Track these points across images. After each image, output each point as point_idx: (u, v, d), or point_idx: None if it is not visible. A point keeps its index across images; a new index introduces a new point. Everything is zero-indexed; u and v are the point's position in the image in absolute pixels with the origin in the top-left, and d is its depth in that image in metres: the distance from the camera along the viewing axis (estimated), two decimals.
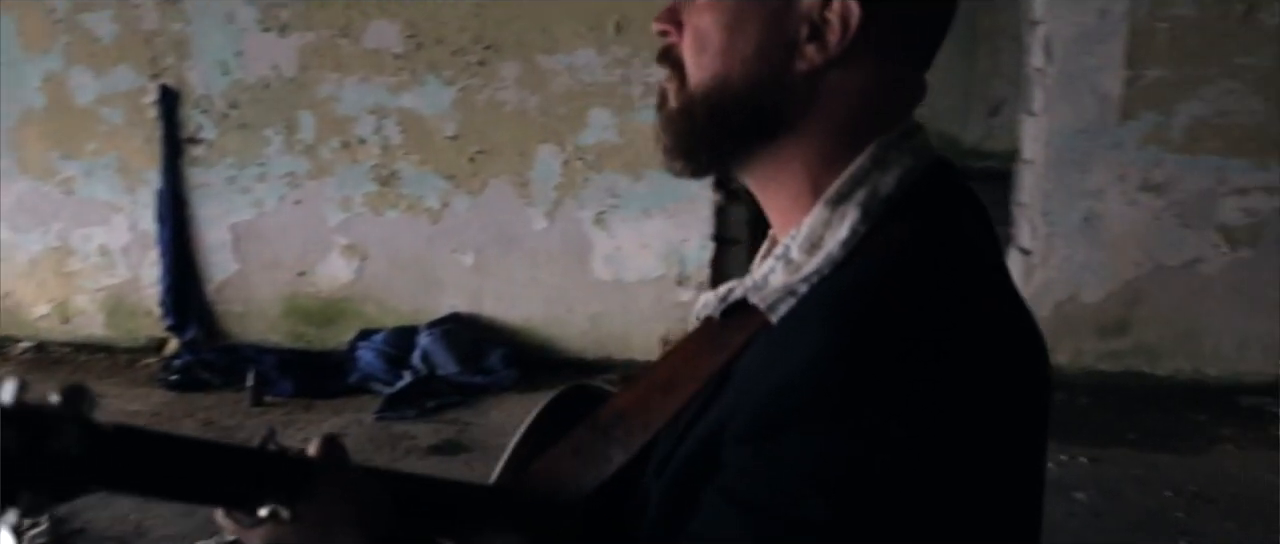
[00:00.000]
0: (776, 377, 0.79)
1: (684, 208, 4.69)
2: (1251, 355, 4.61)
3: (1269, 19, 4.37)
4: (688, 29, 0.90)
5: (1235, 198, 4.53)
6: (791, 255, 0.87)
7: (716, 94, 0.89)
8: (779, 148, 0.90)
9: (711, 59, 0.88)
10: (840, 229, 0.85)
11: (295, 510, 0.81)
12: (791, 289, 0.85)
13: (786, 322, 0.84)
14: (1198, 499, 3.71)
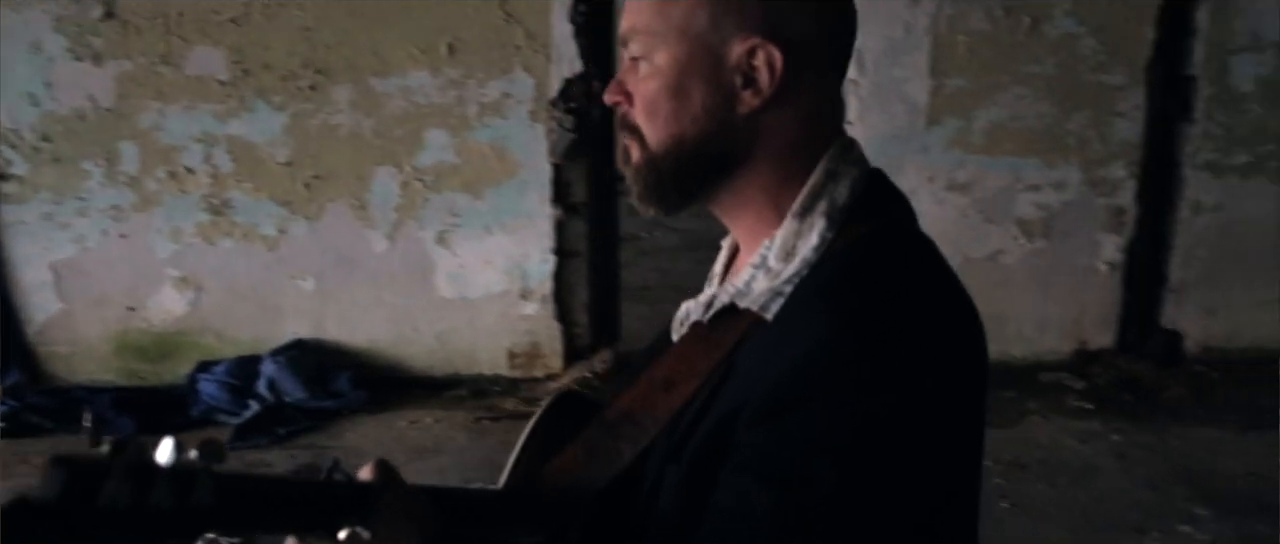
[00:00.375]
0: (784, 365, 0.93)
1: (524, 224, 4.79)
2: (1048, 336, 5.07)
3: (1052, 31, 4.80)
4: (637, 98, 1.04)
5: (1030, 194, 4.96)
6: (769, 264, 1.02)
7: (675, 150, 1.03)
8: (736, 180, 1.05)
9: (664, 123, 1.03)
10: (811, 236, 1.01)
11: (373, 530, 0.90)
12: (778, 291, 1.00)
13: (781, 318, 0.98)
14: (1013, 466, 4.07)
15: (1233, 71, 4.93)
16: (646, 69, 1.03)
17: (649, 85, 1.03)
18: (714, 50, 1.01)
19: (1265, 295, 5.11)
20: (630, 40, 1.04)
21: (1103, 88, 4.88)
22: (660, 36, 1.02)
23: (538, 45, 4.62)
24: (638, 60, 1.04)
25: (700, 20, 1.00)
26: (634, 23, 1.04)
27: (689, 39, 1.01)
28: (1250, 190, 5.02)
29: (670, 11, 1.01)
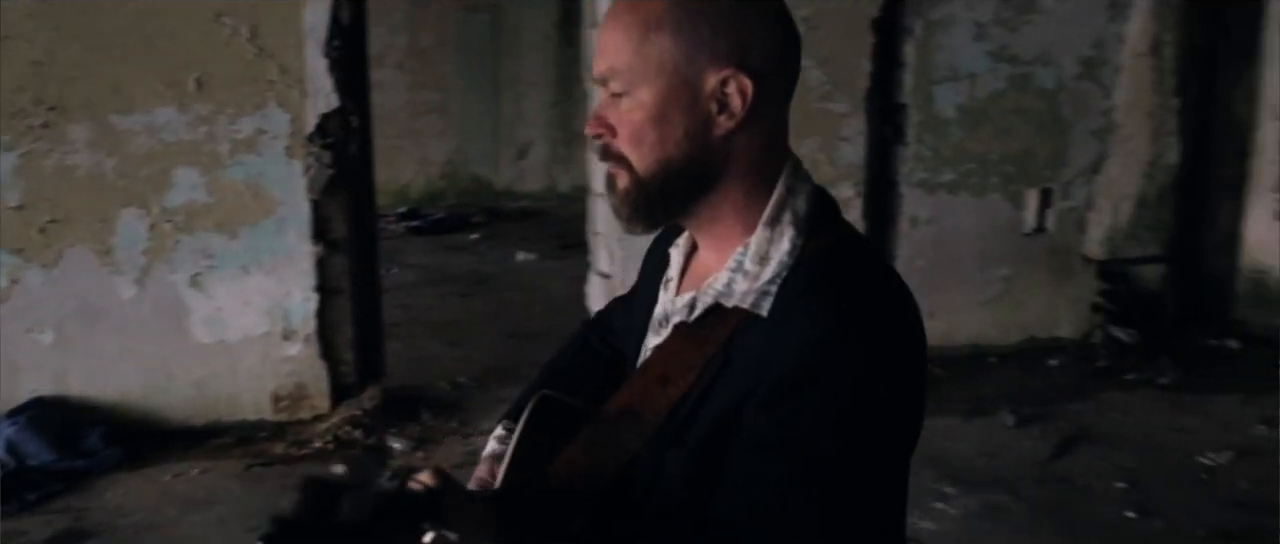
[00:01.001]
0: (790, 356, 1.08)
1: (283, 262, 4.66)
2: None
3: None
4: (621, 129, 1.16)
5: None
6: (746, 267, 1.16)
7: (662, 173, 1.16)
8: (712, 195, 1.19)
9: (650, 150, 1.16)
10: (782, 243, 1.16)
11: (458, 531, 0.95)
12: (764, 291, 1.14)
13: (774, 313, 1.12)
14: None
15: (937, 99, 5.52)
16: (629, 104, 1.15)
17: (634, 118, 1.15)
18: (691, 82, 1.14)
19: (976, 298, 5.73)
20: (610, 79, 1.16)
21: (829, 115, 5.33)
22: (640, 74, 1.14)
23: (292, 79, 4.54)
24: (619, 95, 1.16)
25: (677, 57, 1.14)
26: (613, 63, 1.16)
27: (667, 74, 1.14)
28: (957, 205, 5.62)
29: (647, 52, 1.14)
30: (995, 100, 5.62)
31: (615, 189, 1.20)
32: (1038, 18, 5.58)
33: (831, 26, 5.23)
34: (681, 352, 1.18)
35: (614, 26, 1.17)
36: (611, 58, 1.16)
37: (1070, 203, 5.84)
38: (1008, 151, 5.69)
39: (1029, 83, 5.65)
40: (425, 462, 4.36)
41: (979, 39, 5.53)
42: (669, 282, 1.32)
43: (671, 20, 1.14)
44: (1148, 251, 6.11)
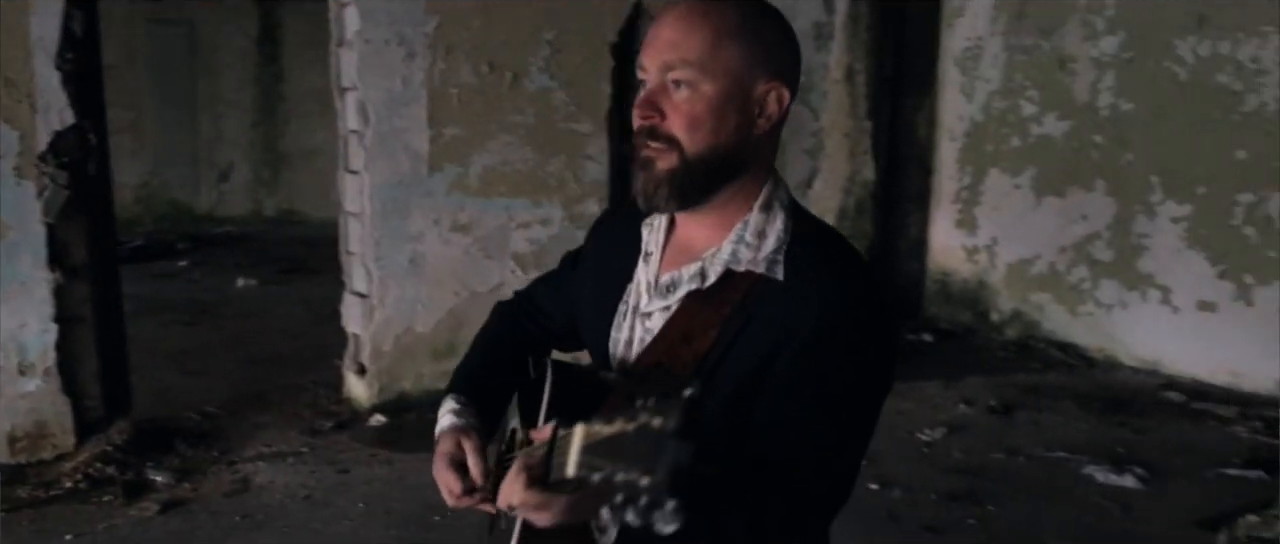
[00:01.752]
0: (811, 318, 1.32)
1: (17, 292, 4.34)
2: None
3: (530, 85, 5.41)
4: (676, 114, 1.35)
5: (522, 230, 5.51)
6: (747, 240, 1.39)
7: (710, 156, 1.36)
8: (735, 182, 1.41)
9: (706, 135, 1.35)
10: (777, 223, 1.40)
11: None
12: (772, 260, 1.37)
13: (789, 281, 1.35)
14: None
15: None
16: (691, 94, 1.34)
17: (695, 107, 1.34)
18: (746, 87, 1.36)
19: None
20: (677, 68, 1.34)
21: (574, 135, 5.58)
22: (709, 71, 1.34)
23: (20, 94, 4.26)
24: (680, 84, 1.34)
25: (741, 64, 1.35)
26: (684, 56, 1.34)
27: (731, 76, 1.35)
28: None
29: (720, 55, 1.34)
30: None
31: (653, 169, 1.37)
32: None
33: (574, 50, 5.49)
34: (699, 313, 1.39)
35: (688, 26, 1.36)
36: (683, 52, 1.34)
37: None
38: None
39: None
40: (194, 493, 4.21)
41: None
42: (649, 256, 1.50)
43: (742, 33, 1.36)
44: None
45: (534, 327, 1.78)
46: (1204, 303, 5.76)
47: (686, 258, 1.45)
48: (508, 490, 1.25)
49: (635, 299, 1.52)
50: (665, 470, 0.98)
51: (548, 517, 1.23)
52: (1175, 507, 4.19)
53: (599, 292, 1.59)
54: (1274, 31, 5.50)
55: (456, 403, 1.65)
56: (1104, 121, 6.16)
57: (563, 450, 1.14)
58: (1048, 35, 6.39)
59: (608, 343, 1.54)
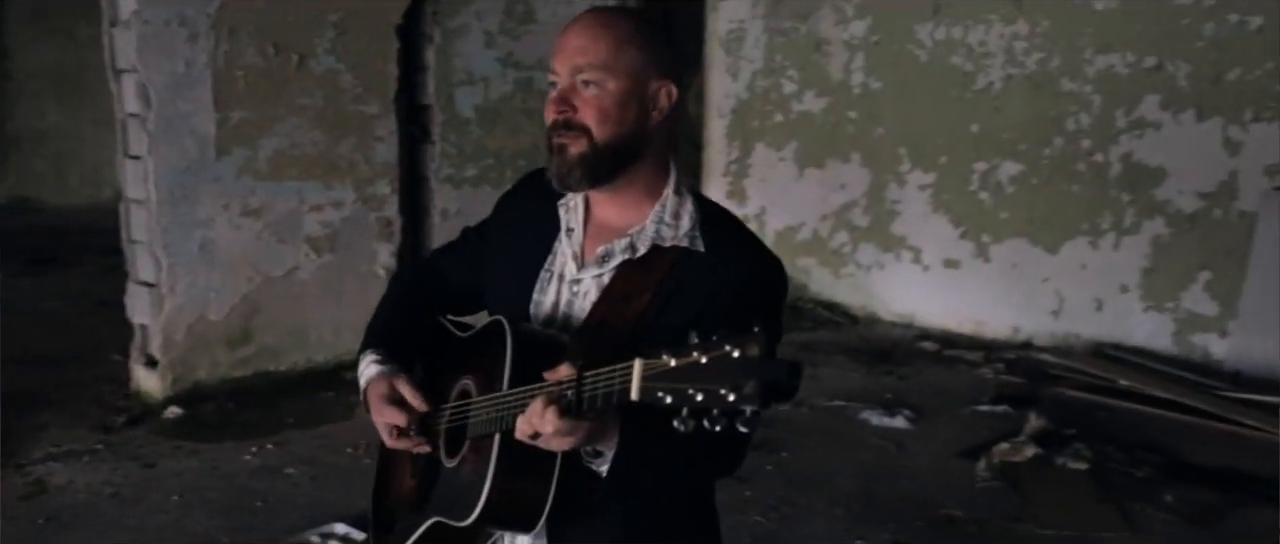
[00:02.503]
0: (735, 281, 1.58)
1: None
2: (345, 339, 5.64)
3: (316, 67, 5.38)
4: (587, 108, 1.58)
5: (314, 214, 5.48)
6: (665, 220, 1.64)
7: (616, 142, 1.60)
8: (634, 166, 1.64)
9: (612, 125, 1.60)
10: (687, 205, 1.66)
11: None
12: (692, 235, 1.62)
13: (709, 250, 1.61)
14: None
15: (457, 101, 6.00)
16: (598, 91, 1.58)
17: (603, 101, 1.58)
18: (643, 83, 1.60)
19: None
20: (585, 70, 1.58)
21: (363, 117, 5.60)
22: (613, 71, 1.58)
23: None
24: (590, 84, 1.57)
25: (638, 65, 1.60)
26: (591, 59, 1.58)
27: (631, 75, 1.59)
28: (479, 197, 6.15)
29: (621, 58, 1.58)
30: (506, 101, 6.23)
31: (567, 154, 1.60)
32: (536, 27, 6.27)
33: (359, 32, 5.50)
34: (633, 279, 1.63)
35: (593, 34, 1.59)
36: (590, 56, 1.58)
37: None
38: (519, 147, 6.33)
39: (532, 85, 6.33)
40: None
41: (489, 46, 6.10)
42: (571, 231, 1.71)
43: (637, 40, 1.60)
44: None
45: (438, 293, 1.93)
46: (949, 261, 6.42)
47: (609, 234, 1.68)
48: (535, 421, 1.43)
49: (560, 268, 1.72)
50: (758, 384, 1.22)
51: (570, 441, 1.45)
52: (940, 441, 4.72)
53: (515, 260, 1.78)
54: (997, 19, 6.18)
55: (376, 355, 1.83)
56: (857, 99, 6.72)
57: (604, 382, 1.38)
58: (804, 19, 6.89)
59: (529, 304, 1.73)
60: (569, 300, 1.69)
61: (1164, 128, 5.73)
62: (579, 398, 1.42)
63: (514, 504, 1.60)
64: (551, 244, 1.74)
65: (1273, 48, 5.39)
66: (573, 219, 1.72)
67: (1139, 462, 4.42)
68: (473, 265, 1.88)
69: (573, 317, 1.68)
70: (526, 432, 1.46)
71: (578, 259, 1.69)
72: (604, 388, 1.38)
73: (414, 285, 1.96)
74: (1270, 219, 5.39)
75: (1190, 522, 3.98)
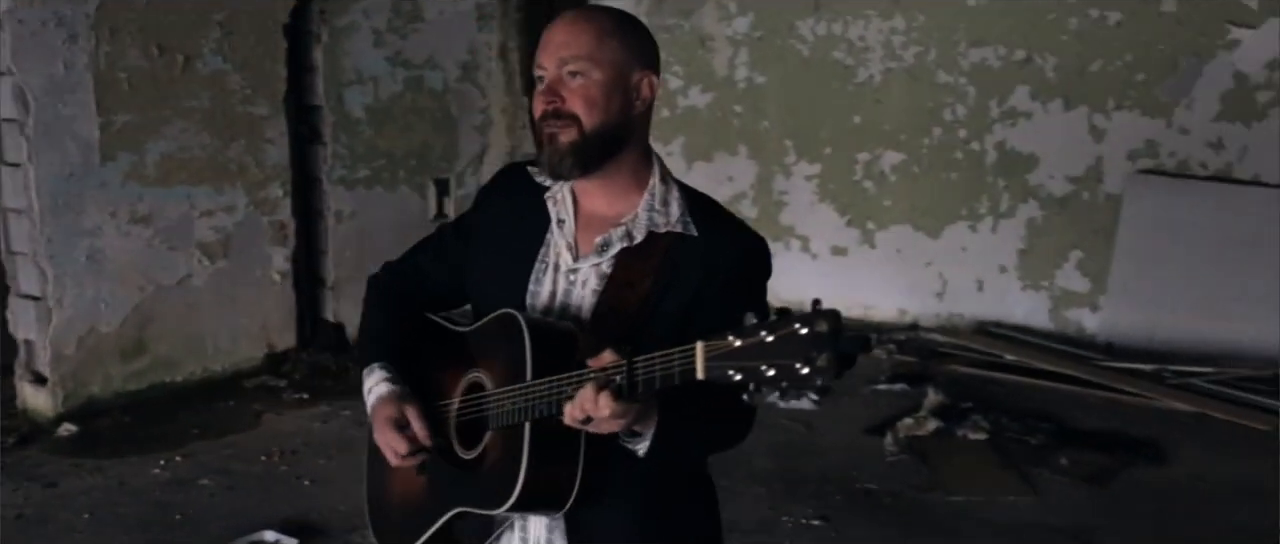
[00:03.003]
0: (729, 261, 1.68)
1: None
2: (242, 346, 5.52)
3: (203, 68, 5.23)
4: (575, 98, 1.65)
5: (206, 219, 5.33)
6: (655, 208, 1.70)
7: (603, 129, 1.67)
8: (620, 155, 1.71)
9: (599, 113, 1.66)
10: (674, 192, 1.74)
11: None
12: (684, 221, 1.70)
13: (701, 233, 1.68)
14: (289, 455, 4.50)
15: (347, 101, 5.91)
16: (585, 81, 1.64)
17: (590, 90, 1.65)
18: (625, 74, 1.67)
19: None
20: (571, 62, 1.64)
21: (252, 118, 5.47)
22: (597, 62, 1.65)
23: None
24: (576, 75, 1.64)
25: (620, 56, 1.67)
26: (576, 52, 1.65)
27: (615, 67, 1.66)
28: (373, 198, 6.08)
29: (604, 50, 1.66)
30: (396, 101, 6.16)
31: (558, 142, 1.65)
32: (424, 25, 6.23)
33: (247, 31, 5.37)
34: (633, 265, 1.69)
35: (577, 29, 1.67)
36: (575, 48, 1.65)
37: (464, 191, 6.59)
38: (410, 147, 6.28)
39: (422, 84, 6.29)
40: None
41: (378, 45, 6.03)
42: (562, 223, 1.75)
43: (618, 33, 1.68)
44: None
45: (419, 291, 1.95)
46: (837, 248, 6.64)
47: (600, 223, 1.73)
48: (587, 406, 1.49)
49: (555, 258, 1.76)
50: (832, 356, 1.30)
51: (621, 424, 1.52)
52: (846, 420, 4.90)
53: (505, 253, 1.82)
54: (876, 14, 6.42)
55: (385, 372, 1.85)
56: (742, 93, 6.88)
57: (660, 365, 1.45)
58: (687, 16, 7.01)
59: (525, 295, 1.76)
60: (566, 290, 1.74)
61: (1034, 117, 6.06)
62: (632, 382, 1.47)
63: (547, 487, 1.65)
64: (542, 236, 1.78)
65: (1131, 41, 5.77)
66: (562, 211, 1.77)
67: (1032, 430, 4.69)
68: (454, 261, 1.91)
69: (570, 305, 1.74)
70: (577, 416, 1.51)
71: (572, 249, 1.74)
72: (661, 371, 1.44)
73: (397, 288, 1.97)
74: (1134, 200, 5.76)
75: (1085, 481, 4.25)
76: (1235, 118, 5.61)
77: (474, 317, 1.87)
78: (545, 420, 1.60)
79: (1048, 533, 3.84)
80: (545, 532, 1.78)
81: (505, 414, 1.66)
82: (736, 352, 1.35)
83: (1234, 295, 5.45)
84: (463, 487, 1.75)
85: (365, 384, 1.86)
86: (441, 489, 1.80)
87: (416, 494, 1.86)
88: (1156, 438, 4.64)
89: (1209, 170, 5.70)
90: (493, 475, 1.69)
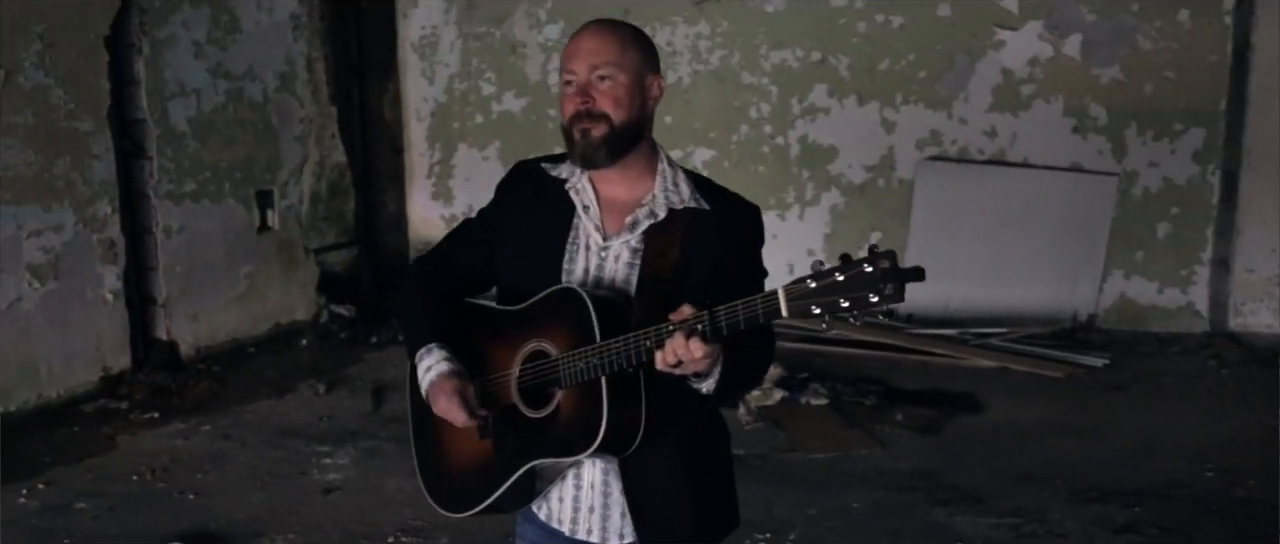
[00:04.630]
0: (742, 230, 2.00)
1: None
2: (78, 370, 5.32)
3: (25, 83, 5.02)
4: (604, 98, 1.92)
5: (34, 239, 5.11)
6: (669, 188, 1.98)
7: (629, 124, 1.95)
8: (638, 146, 1.99)
9: (625, 110, 1.94)
10: (680, 174, 2.02)
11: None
12: (696, 198, 1.98)
13: (717, 208, 1.98)
14: (159, 472, 4.43)
15: (171, 114, 5.79)
16: (612, 84, 1.91)
17: (618, 90, 1.92)
18: (642, 77, 1.95)
19: (228, 296, 6.15)
20: (600, 67, 1.91)
21: (77, 134, 5.29)
22: (622, 66, 1.92)
23: None
24: (605, 78, 1.91)
25: (639, 61, 1.95)
26: (605, 58, 1.91)
27: (634, 71, 1.94)
28: (200, 212, 5.98)
29: (627, 56, 1.93)
30: (219, 113, 6.08)
31: (591, 137, 1.91)
32: (242, 36, 6.18)
33: (67, 45, 5.20)
34: (662, 238, 1.96)
35: (604, 38, 1.94)
36: (603, 55, 1.92)
37: (288, 201, 6.57)
38: (235, 159, 6.20)
39: (243, 95, 6.23)
40: None
41: (198, 56, 5.93)
42: (588, 208, 2.01)
43: (635, 43, 1.97)
44: (338, 240, 7.12)
45: (456, 279, 2.16)
46: None
47: (621, 206, 2.00)
48: (680, 351, 1.74)
49: (585, 239, 2.02)
50: (898, 285, 1.59)
51: (706, 364, 1.78)
52: None
53: (536, 238, 2.06)
54: (682, 21, 6.86)
55: (443, 351, 2.05)
56: (556, 98, 7.09)
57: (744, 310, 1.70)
58: (499, 23, 7.24)
59: (560, 273, 2.02)
60: (599, 265, 1.99)
61: (832, 112, 6.66)
62: (716, 328, 1.74)
63: (621, 430, 1.89)
64: (569, 221, 2.02)
65: (913, 42, 6.45)
66: (585, 198, 2.02)
67: (865, 392, 5.22)
68: (485, 250, 2.13)
69: (603, 278, 1.99)
70: (670, 361, 1.77)
71: (600, 230, 2.00)
72: (744, 314, 1.71)
73: (435, 277, 2.16)
74: (924, 184, 6.45)
75: (919, 432, 4.80)
76: (1005, 109, 6.40)
77: (504, 296, 2.09)
78: (618, 374, 1.85)
79: (900, 477, 4.34)
80: (601, 475, 2.02)
81: (578, 372, 1.88)
82: (813, 291, 1.65)
83: (1015, 263, 6.23)
84: (537, 441, 1.97)
85: (423, 363, 2.03)
86: (512, 448, 2.00)
87: (482, 457, 2.05)
88: (970, 391, 5.26)
89: (986, 155, 6.46)
90: (571, 426, 1.92)
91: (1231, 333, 6.13)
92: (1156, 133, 6.23)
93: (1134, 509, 3.98)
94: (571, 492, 2.06)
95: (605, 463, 2.01)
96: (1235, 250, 6.17)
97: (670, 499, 2.03)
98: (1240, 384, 5.37)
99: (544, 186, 2.05)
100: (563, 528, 2.07)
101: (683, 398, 1.91)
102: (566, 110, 1.94)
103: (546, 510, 2.09)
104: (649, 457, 1.98)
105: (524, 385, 1.99)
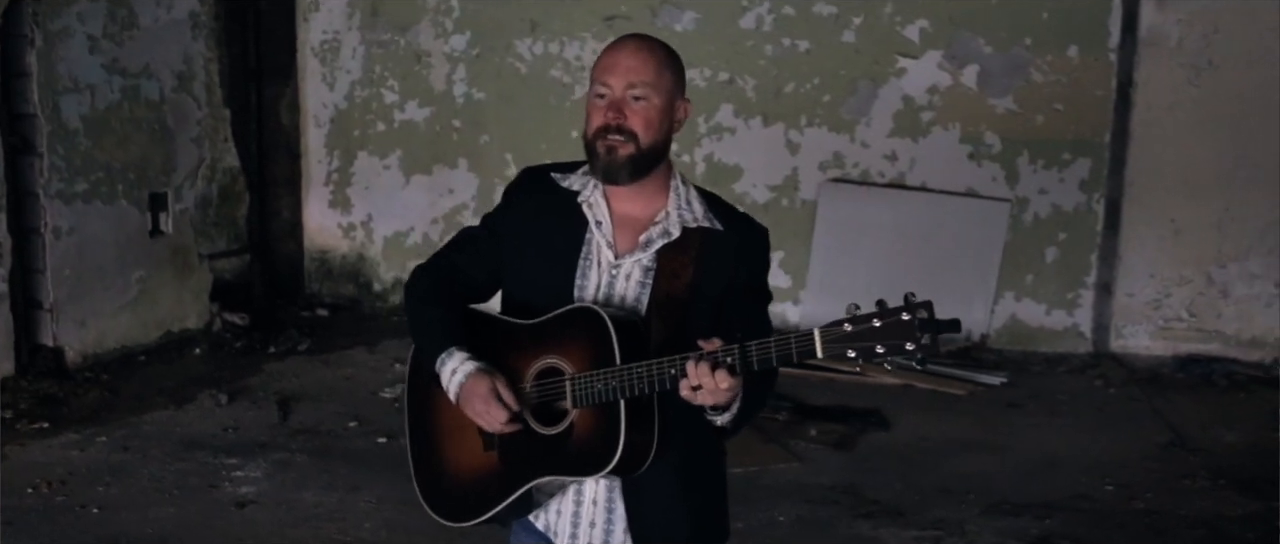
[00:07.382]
0: (756, 250, 2.05)
1: None
2: None
3: None
4: (636, 117, 1.93)
5: None
6: (682, 207, 2.01)
7: (655, 145, 1.97)
8: (659, 164, 2.00)
9: (654, 131, 1.96)
10: (693, 193, 2.06)
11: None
12: (708, 217, 2.01)
13: (729, 228, 2.01)
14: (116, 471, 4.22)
15: (63, 110, 5.53)
16: (645, 105, 1.93)
17: (650, 113, 1.94)
18: (672, 102, 1.98)
19: (119, 302, 5.88)
20: (637, 86, 1.92)
21: None
22: (656, 89, 1.94)
23: None
24: (639, 99, 1.92)
25: (671, 84, 1.97)
26: (642, 78, 1.93)
27: (667, 94, 1.96)
28: (92, 213, 5.72)
29: (662, 79, 1.95)
30: (113, 111, 5.84)
31: (617, 154, 1.92)
32: (139, 32, 5.95)
33: None
34: (676, 258, 1.97)
35: (643, 57, 1.95)
36: (641, 74, 1.93)
37: (182, 205, 6.33)
38: (129, 160, 5.95)
39: (139, 94, 5.99)
40: None
41: (94, 51, 5.69)
42: (600, 224, 2.00)
43: (670, 65, 1.99)
44: (229, 246, 6.89)
45: (462, 288, 2.12)
46: None
47: (636, 224, 2.00)
48: (705, 381, 1.77)
49: (597, 256, 2.00)
50: (934, 337, 1.65)
51: (730, 395, 1.81)
52: None
53: (546, 251, 2.03)
54: (590, 36, 6.87)
55: (466, 352, 2.00)
56: (461, 108, 7.09)
57: (777, 347, 1.75)
58: (403, 31, 7.13)
59: (572, 289, 2.00)
60: (610, 282, 1.98)
61: (738, 132, 6.77)
62: (746, 362, 1.77)
63: (635, 453, 1.90)
64: (581, 235, 2.01)
65: (818, 66, 6.61)
66: (598, 213, 2.01)
67: (777, 409, 5.29)
68: (490, 259, 2.10)
69: (613, 296, 1.99)
70: (692, 388, 1.79)
71: (612, 247, 1.99)
72: (778, 351, 1.75)
73: (439, 285, 2.11)
74: (826, 205, 6.61)
75: (834, 448, 4.90)
76: (905, 134, 6.60)
77: (510, 307, 2.07)
78: (637, 397, 1.85)
79: (822, 491, 4.42)
80: (604, 491, 2.02)
81: (597, 393, 1.87)
82: (849, 335, 1.70)
83: (912, 284, 6.35)
84: (547, 458, 1.94)
85: (446, 367, 1.98)
86: (520, 462, 1.97)
87: (487, 469, 2.02)
88: (877, 407, 5.40)
89: (886, 178, 6.66)
90: (585, 446, 1.91)
91: (1113, 354, 6.44)
92: (1046, 161, 6.51)
93: (1045, 522, 4.15)
94: (571, 506, 2.05)
95: (609, 480, 2.00)
96: (1117, 275, 6.49)
97: (670, 514, 2.04)
98: (1126, 402, 5.65)
99: (555, 197, 2.03)
100: (560, 541, 2.06)
101: (685, 416, 1.92)
102: (593, 121, 1.94)
103: (544, 521, 2.07)
104: (651, 473, 1.98)
105: (542, 400, 1.97)
